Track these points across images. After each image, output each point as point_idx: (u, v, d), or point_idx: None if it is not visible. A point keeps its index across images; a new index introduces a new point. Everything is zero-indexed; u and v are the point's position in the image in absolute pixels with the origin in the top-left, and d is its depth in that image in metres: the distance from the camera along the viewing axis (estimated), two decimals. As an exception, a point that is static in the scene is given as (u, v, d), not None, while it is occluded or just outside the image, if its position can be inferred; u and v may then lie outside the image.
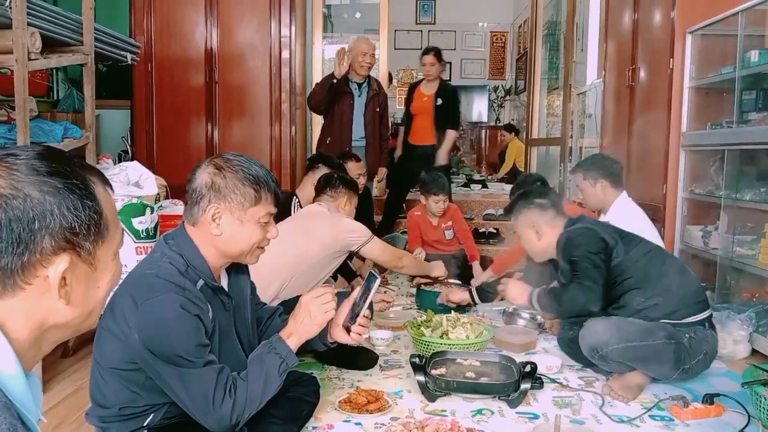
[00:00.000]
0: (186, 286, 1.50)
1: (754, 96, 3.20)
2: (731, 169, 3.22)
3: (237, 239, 1.59)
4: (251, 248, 1.62)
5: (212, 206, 1.56)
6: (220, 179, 1.57)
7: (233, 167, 1.58)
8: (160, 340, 1.43)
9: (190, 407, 1.49)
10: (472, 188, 7.22)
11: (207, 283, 1.58)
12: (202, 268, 1.58)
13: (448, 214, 4.29)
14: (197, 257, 1.58)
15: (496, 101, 10.69)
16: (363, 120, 4.58)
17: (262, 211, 1.60)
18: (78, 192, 0.77)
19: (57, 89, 5.86)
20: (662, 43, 3.76)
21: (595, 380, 2.49)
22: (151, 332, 1.43)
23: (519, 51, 10.09)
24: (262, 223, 1.61)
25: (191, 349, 1.45)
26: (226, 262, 1.66)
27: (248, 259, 1.66)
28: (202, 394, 1.47)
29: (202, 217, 1.58)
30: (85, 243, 0.78)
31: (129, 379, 1.52)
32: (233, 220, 1.57)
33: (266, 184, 1.61)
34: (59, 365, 2.71)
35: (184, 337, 1.45)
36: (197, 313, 1.48)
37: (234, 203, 1.57)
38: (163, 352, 1.44)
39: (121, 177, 2.98)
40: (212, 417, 1.48)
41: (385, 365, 2.63)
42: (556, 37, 7.30)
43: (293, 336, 1.65)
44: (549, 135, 6.53)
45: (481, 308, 3.52)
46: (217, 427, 1.50)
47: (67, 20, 3.11)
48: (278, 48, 4.76)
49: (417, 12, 10.77)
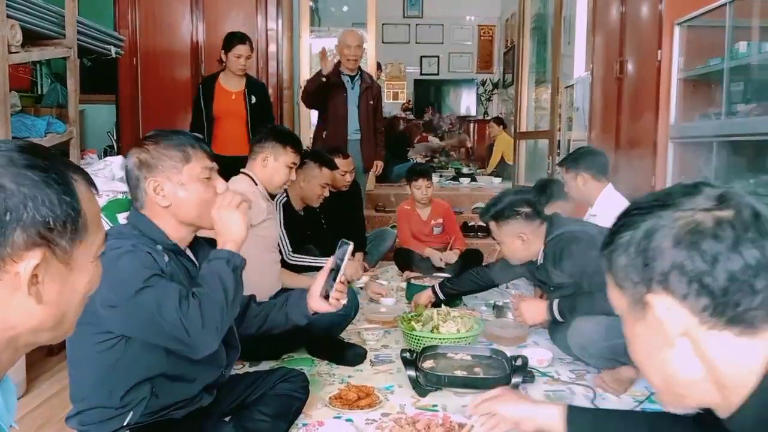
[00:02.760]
0: (140, 242, 1.49)
1: (743, 87, 3.20)
2: (720, 160, 3.22)
3: (187, 202, 1.58)
4: (207, 206, 1.59)
5: (150, 180, 1.56)
6: (146, 154, 1.58)
7: (154, 140, 1.60)
8: (115, 279, 1.37)
9: (164, 326, 1.41)
10: (461, 182, 7.22)
11: (166, 246, 1.56)
12: (158, 236, 1.56)
13: (439, 211, 4.28)
14: (154, 229, 1.57)
15: (484, 95, 10.69)
16: (357, 112, 4.56)
17: (198, 166, 1.59)
18: (55, 186, 0.73)
19: (41, 84, 5.78)
20: (650, 35, 3.75)
21: (587, 373, 2.49)
22: (106, 279, 1.39)
23: (506, 44, 10.08)
24: (204, 179, 1.60)
25: (145, 276, 1.42)
26: (188, 231, 1.63)
27: (208, 221, 1.61)
28: (169, 305, 1.40)
29: (146, 198, 1.58)
30: (61, 240, 0.74)
31: (101, 363, 1.48)
32: (175, 186, 1.57)
33: (190, 143, 1.61)
34: (44, 364, 2.67)
35: (135, 267, 1.43)
36: (148, 251, 1.47)
37: (167, 169, 1.57)
38: (119, 288, 1.40)
39: (106, 172, 2.94)
40: (186, 328, 1.41)
41: (376, 360, 2.61)
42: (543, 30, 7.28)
43: (226, 244, 1.58)
44: (537, 128, 6.53)
45: (471, 302, 3.52)
46: (196, 339, 1.43)
47: (49, 13, 3.06)
48: (265, 42, 4.72)
49: (404, 6, 10.73)
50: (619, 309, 0.84)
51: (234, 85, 4.20)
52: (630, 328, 0.82)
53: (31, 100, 5.33)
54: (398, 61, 10.63)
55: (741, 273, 0.71)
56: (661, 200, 0.79)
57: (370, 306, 3.36)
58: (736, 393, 0.75)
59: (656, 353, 0.79)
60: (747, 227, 0.72)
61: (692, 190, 0.78)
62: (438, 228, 4.31)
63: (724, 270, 0.72)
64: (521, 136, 6.33)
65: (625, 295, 0.80)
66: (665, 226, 0.75)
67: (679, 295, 0.74)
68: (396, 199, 5.92)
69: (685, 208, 0.76)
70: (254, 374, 2.03)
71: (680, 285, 0.74)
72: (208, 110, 4.16)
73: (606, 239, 0.83)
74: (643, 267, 0.77)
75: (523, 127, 6.35)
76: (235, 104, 4.20)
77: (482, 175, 8.05)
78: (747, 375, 0.74)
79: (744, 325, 0.72)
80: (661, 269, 0.75)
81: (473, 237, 5.07)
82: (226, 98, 4.19)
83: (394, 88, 10.67)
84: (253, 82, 4.31)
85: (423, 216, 4.28)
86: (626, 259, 0.78)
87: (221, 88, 4.20)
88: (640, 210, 0.79)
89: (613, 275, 0.82)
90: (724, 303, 0.72)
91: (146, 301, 1.41)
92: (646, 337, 0.80)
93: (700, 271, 0.72)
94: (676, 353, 0.76)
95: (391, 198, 5.98)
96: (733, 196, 0.76)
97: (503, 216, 2.62)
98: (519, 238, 2.61)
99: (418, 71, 10.92)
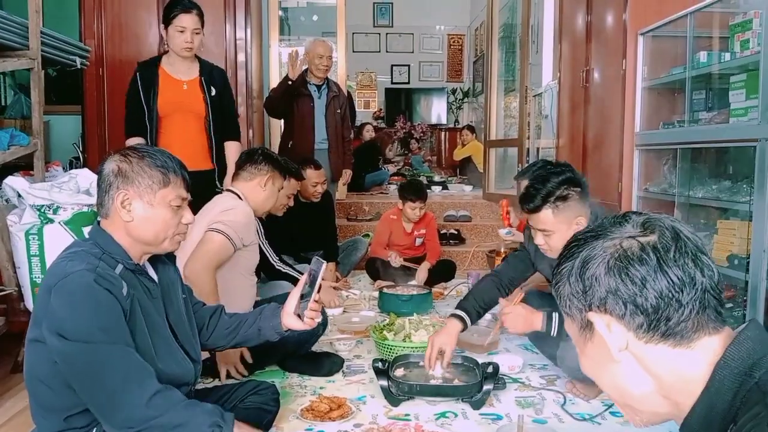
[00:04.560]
0: (99, 266, 1.45)
1: (704, 96, 3.27)
2: (683, 167, 3.29)
3: (149, 223, 1.55)
4: (166, 232, 1.58)
5: (121, 192, 1.54)
6: (127, 165, 1.55)
7: (139, 153, 1.58)
8: (67, 315, 1.37)
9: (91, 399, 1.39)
10: (432, 189, 7.24)
11: (126, 266, 1.53)
12: (119, 254, 1.53)
13: (423, 221, 4.28)
14: (113, 244, 1.54)
15: (455, 103, 10.78)
16: (324, 122, 4.54)
17: (172, 194, 1.58)
18: None
19: (4, 95, 5.66)
20: (615, 44, 3.82)
21: (557, 378, 2.52)
22: (60, 309, 1.38)
23: (476, 53, 10.19)
24: (174, 207, 1.58)
25: (99, 328, 1.38)
26: (144, 250, 1.60)
27: (165, 245, 1.60)
28: (120, 376, 1.38)
29: (112, 207, 1.55)
30: None
31: (57, 383, 1.45)
32: (143, 205, 1.55)
33: (173, 168, 1.59)
34: (9, 381, 2.61)
35: (92, 311, 1.38)
36: (107, 287, 1.42)
37: (142, 187, 1.54)
38: (69, 327, 1.37)
39: (71, 185, 2.88)
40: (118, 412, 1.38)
41: (348, 371, 2.60)
42: (512, 39, 7.37)
43: None
44: (507, 136, 6.60)
45: (443, 310, 3.53)
46: (120, 423, 1.40)
47: (11, 24, 3.00)
48: (233, 51, 4.69)
49: (374, 15, 10.78)
50: (572, 336, 0.91)
51: (184, 71, 3.27)
52: (582, 350, 0.90)
53: (-7, 111, 5.22)
54: (369, 70, 10.67)
55: (667, 290, 0.79)
56: (594, 231, 0.87)
57: (343, 316, 3.35)
58: (684, 403, 0.81)
59: (606, 369, 0.86)
60: (668, 248, 0.80)
61: (621, 220, 0.87)
62: (420, 239, 4.31)
63: (652, 290, 0.79)
64: (491, 144, 6.39)
65: (574, 321, 0.88)
66: (598, 255, 0.83)
67: (617, 315, 0.82)
68: (369, 208, 5.92)
69: (614, 236, 0.84)
70: (224, 387, 2.01)
71: (617, 307, 0.81)
72: (151, 105, 3.21)
73: (553, 271, 0.90)
74: (583, 294, 0.84)
75: (493, 136, 6.41)
76: (187, 96, 3.25)
77: (453, 183, 8.10)
78: (691, 385, 0.80)
79: (678, 337, 0.80)
80: (599, 294, 0.83)
81: (446, 245, 5.09)
82: (175, 89, 3.24)
83: (365, 96, 10.71)
84: (209, 67, 3.36)
85: (407, 228, 4.28)
86: (569, 287, 0.86)
87: (167, 76, 3.25)
88: (578, 242, 0.87)
89: (561, 304, 0.89)
90: (657, 319, 0.80)
91: (92, 358, 1.38)
92: (595, 355, 0.87)
93: (632, 293, 0.80)
94: (623, 368, 0.84)
95: (363, 207, 5.98)
96: (655, 221, 0.85)
97: (559, 197, 2.14)
98: (576, 224, 2.14)
99: (389, 80, 10.98)
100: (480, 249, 5.05)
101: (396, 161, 9.11)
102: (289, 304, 1.79)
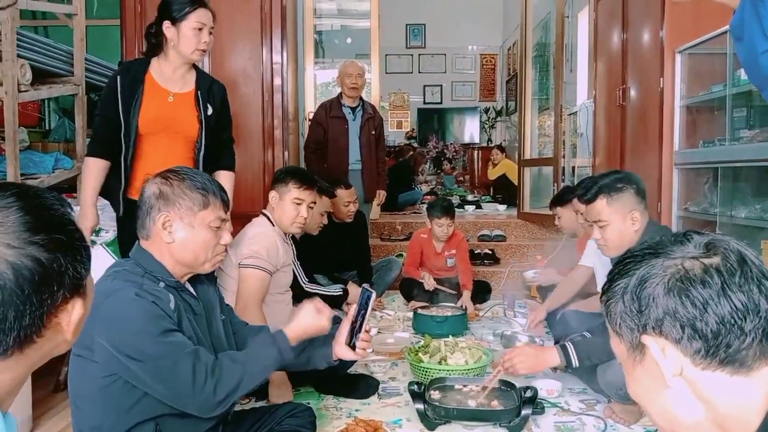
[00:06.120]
0: (144, 284, 1.52)
1: (745, 113, 3.21)
2: (725, 186, 3.22)
3: (190, 244, 1.60)
4: (205, 253, 1.63)
5: (162, 214, 1.58)
6: (168, 187, 1.60)
7: (179, 176, 1.62)
8: (122, 332, 1.44)
9: (173, 399, 1.48)
10: (465, 209, 7.22)
11: (168, 283, 1.58)
12: (160, 272, 1.58)
13: (453, 241, 4.25)
14: (155, 264, 1.59)
15: (488, 122, 10.76)
16: (359, 143, 4.58)
17: (212, 215, 1.62)
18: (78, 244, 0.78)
19: (48, 119, 5.84)
20: (652, 62, 3.78)
21: (596, 403, 2.46)
22: (113, 328, 1.44)
23: (509, 72, 10.17)
24: (214, 228, 1.63)
25: (155, 338, 1.44)
26: (184, 271, 1.65)
27: (206, 267, 1.66)
28: (182, 380, 1.46)
29: (153, 228, 1.59)
30: (84, 281, 0.79)
31: (104, 402, 1.49)
32: (184, 226, 1.59)
33: (213, 190, 1.64)
34: (50, 400, 2.66)
35: (142, 324, 1.44)
36: (153, 300, 1.48)
37: (183, 209, 1.59)
38: (129, 346, 1.43)
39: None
40: (197, 401, 1.49)
41: (383, 393, 2.58)
42: (545, 58, 7.35)
43: (292, 331, 1.71)
44: (541, 155, 6.55)
45: (478, 332, 3.49)
46: (203, 410, 1.51)
47: (57, 51, 3.12)
48: (270, 74, 4.76)
49: (407, 36, 10.87)
50: (619, 356, 0.87)
51: (176, 81, 2.59)
52: (630, 373, 0.86)
53: (38, 135, 5.38)
54: (402, 90, 10.74)
55: (730, 316, 0.75)
56: (653, 249, 0.83)
57: (377, 337, 3.34)
58: None
59: (656, 395, 0.82)
60: (733, 273, 0.77)
61: (682, 239, 0.83)
62: (452, 259, 4.27)
63: (713, 314, 0.76)
64: (525, 163, 6.35)
65: (623, 341, 0.84)
66: (657, 274, 0.80)
67: (672, 339, 0.78)
68: (402, 227, 5.92)
69: (674, 256, 0.81)
70: (261, 409, 2.01)
71: (674, 330, 0.78)
72: (129, 120, 2.50)
73: (604, 287, 0.87)
74: (638, 313, 0.81)
75: (527, 155, 6.37)
76: (176, 112, 2.57)
77: (487, 202, 8.06)
78: (748, 415, 0.76)
79: (737, 365, 0.76)
80: (655, 315, 0.79)
81: (480, 265, 5.05)
82: (162, 102, 2.56)
83: (397, 117, 10.76)
84: (209, 80, 2.70)
85: (438, 248, 4.25)
86: (622, 306, 0.83)
87: (153, 85, 2.56)
88: (634, 258, 0.84)
89: (611, 322, 0.86)
90: (716, 345, 0.76)
91: (157, 371, 1.45)
92: (645, 380, 0.83)
93: (691, 317, 0.76)
94: (674, 394, 0.80)
95: (396, 226, 5.98)
96: (719, 242, 0.81)
97: (614, 188, 2.27)
98: (630, 219, 2.26)
99: (421, 100, 11.02)
100: (515, 269, 4.99)
101: (429, 180, 9.12)
102: (341, 334, 1.81)
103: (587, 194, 2.33)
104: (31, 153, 3.16)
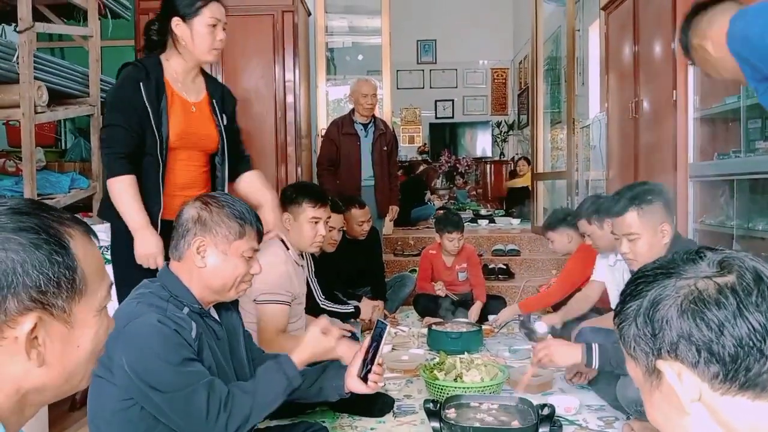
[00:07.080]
0: (167, 309, 1.52)
1: (760, 124, 3.18)
2: (741, 198, 3.18)
3: (220, 272, 1.61)
4: (234, 281, 1.64)
5: (197, 239, 1.60)
6: (207, 213, 1.61)
7: (219, 203, 1.64)
8: (142, 359, 1.44)
9: (186, 430, 1.49)
10: (479, 223, 7.19)
11: (191, 309, 1.58)
12: (186, 298, 1.58)
13: (463, 255, 4.24)
14: (181, 288, 1.59)
15: (500, 136, 10.76)
16: (371, 159, 4.60)
17: (246, 245, 1.64)
18: (45, 247, 0.73)
19: (64, 139, 5.91)
20: (664, 74, 3.76)
21: (615, 420, 2.43)
22: (133, 353, 1.44)
23: (520, 86, 10.17)
24: (246, 258, 1.64)
25: (174, 367, 1.45)
26: (211, 298, 1.66)
27: (231, 294, 1.67)
28: (196, 413, 1.46)
29: (187, 251, 1.61)
30: (57, 300, 0.74)
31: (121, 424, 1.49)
32: (217, 253, 1.61)
33: (250, 221, 1.66)
34: (66, 419, 2.67)
35: (162, 352, 1.45)
36: (176, 329, 1.48)
37: (219, 236, 1.60)
38: (147, 373, 1.44)
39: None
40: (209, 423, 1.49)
41: (399, 411, 2.56)
42: (556, 71, 7.36)
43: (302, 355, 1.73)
44: (554, 168, 6.53)
45: (494, 348, 3.47)
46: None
47: (73, 73, 3.16)
48: (283, 92, 4.80)
49: (418, 52, 10.92)
50: (636, 380, 0.84)
51: (191, 89, 2.34)
52: (648, 398, 0.83)
53: (55, 155, 5.44)
54: (413, 105, 10.77)
55: (748, 338, 0.72)
56: (664, 268, 0.80)
57: (392, 354, 3.32)
58: None
59: (675, 421, 0.79)
60: (750, 292, 0.73)
61: (694, 257, 0.80)
62: (463, 273, 4.26)
63: (730, 336, 0.72)
64: (538, 177, 6.32)
65: (639, 365, 0.81)
66: (669, 296, 0.77)
67: (689, 363, 0.75)
68: (415, 242, 5.91)
69: (687, 276, 0.77)
70: (275, 429, 2.01)
71: (689, 353, 0.74)
72: (162, 133, 2.22)
73: (616, 309, 0.84)
74: (652, 337, 0.78)
75: (540, 168, 6.36)
76: (198, 126, 2.33)
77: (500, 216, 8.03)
78: None
79: (758, 389, 0.73)
80: (670, 339, 0.76)
81: (494, 280, 5.02)
82: (187, 113, 2.30)
83: (409, 132, 10.79)
84: (219, 86, 2.49)
85: (448, 262, 4.24)
86: (635, 329, 0.80)
87: (174, 94, 2.28)
88: (646, 279, 0.81)
89: (625, 346, 0.83)
90: (735, 369, 0.72)
91: (172, 401, 1.46)
92: (663, 405, 0.80)
93: (707, 340, 0.73)
94: (693, 420, 0.76)
95: (410, 241, 5.97)
96: (734, 260, 0.77)
97: (645, 200, 2.21)
98: (661, 232, 2.20)
99: (433, 115, 11.05)
100: (530, 284, 4.96)
101: (441, 194, 9.09)
102: (353, 366, 1.79)
103: (617, 206, 2.27)
104: (47, 173, 3.20)
